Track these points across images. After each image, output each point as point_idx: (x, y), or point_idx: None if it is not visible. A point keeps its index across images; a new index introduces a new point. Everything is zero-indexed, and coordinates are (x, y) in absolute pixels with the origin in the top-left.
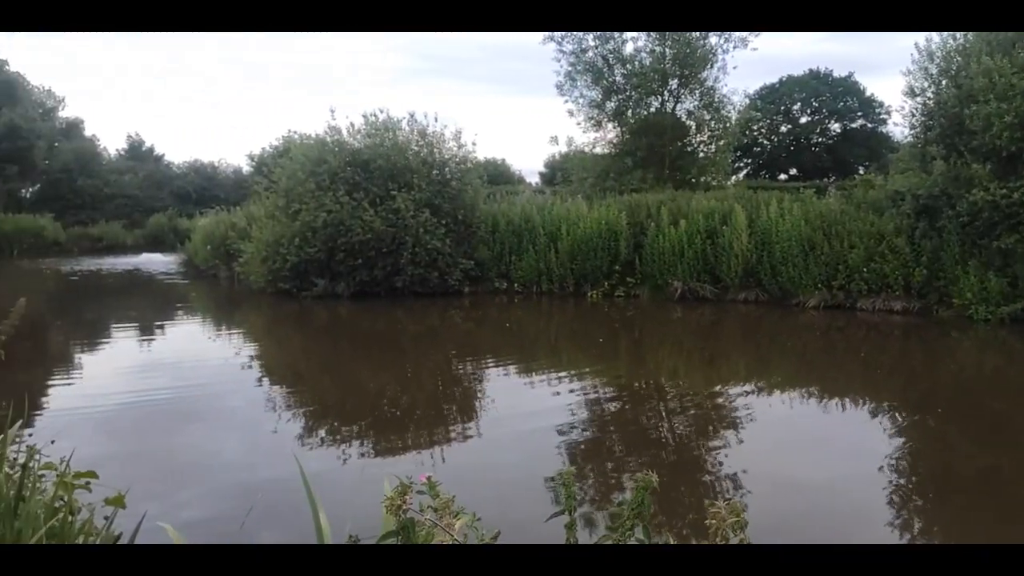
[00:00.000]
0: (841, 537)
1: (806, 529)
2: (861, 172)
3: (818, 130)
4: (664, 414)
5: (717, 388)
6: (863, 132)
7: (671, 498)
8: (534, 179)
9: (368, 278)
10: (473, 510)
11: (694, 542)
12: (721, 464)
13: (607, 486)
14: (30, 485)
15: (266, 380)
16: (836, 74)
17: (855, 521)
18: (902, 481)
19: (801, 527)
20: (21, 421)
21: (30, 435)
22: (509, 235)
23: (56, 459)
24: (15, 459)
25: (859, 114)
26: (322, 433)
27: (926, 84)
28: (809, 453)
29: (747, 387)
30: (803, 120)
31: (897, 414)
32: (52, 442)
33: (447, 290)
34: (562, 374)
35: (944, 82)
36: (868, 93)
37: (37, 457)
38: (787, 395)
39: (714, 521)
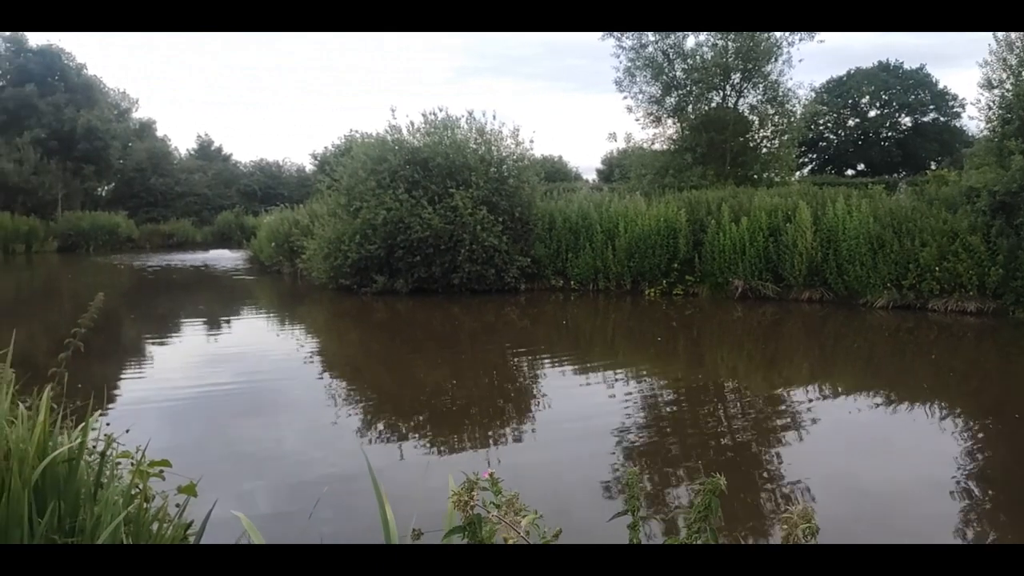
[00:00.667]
0: (890, 536)
1: (870, 536)
2: (932, 168)
3: (887, 124)
4: (723, 416)
5: (779, 390)
6: (935, 126)
7: (728, 501)
8: (591, 176)
9: (426, 275)
10: (530, 506)
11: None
12: (782, 468)
13: (663, 488)
14: (108, 473)
15: (326, 373)
16: (907, 66)
17: (923, 529)
18: (975, 489)
19: (864, 534)
20: (99, 411)
21: (107, 424)
22: (566, 232)
23: (129, 448)
24: (94, 447)
25: (931, 107)
26: (380, 427)
27: (1004, 75)
28: (875, 458)
29: (810, 389)
30: (872, 114)
31: (970, 419)
32: (127, 431)
33: (503, 287)
34: (618, 373)
35: None
36: (941, 86)
37: (114, 445)
38: (853, 398)
39: (786, 527)
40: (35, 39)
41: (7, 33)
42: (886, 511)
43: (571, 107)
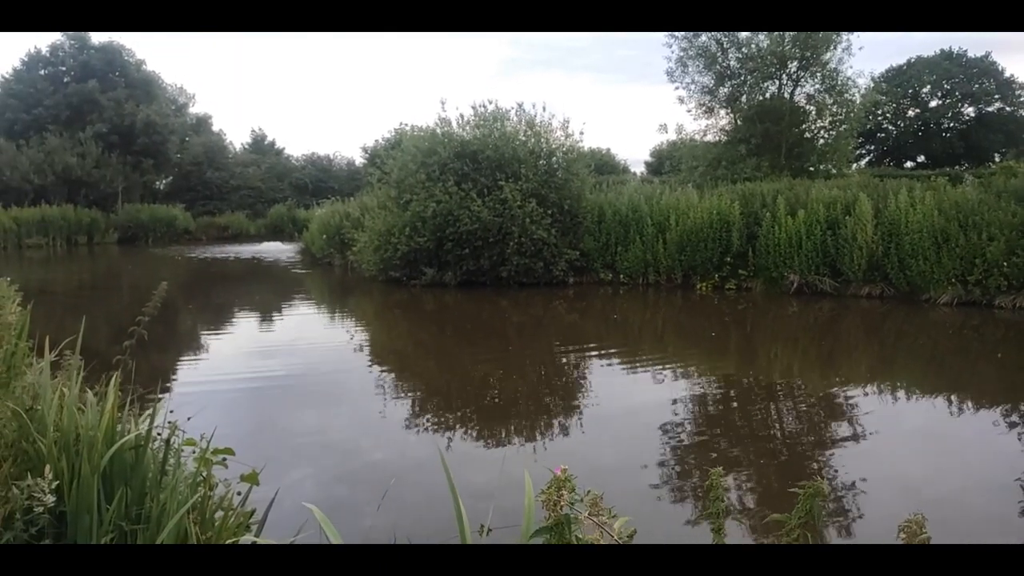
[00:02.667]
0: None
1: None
2: (997, 159)
3: (950, 114)
4: (776, 414)
5: (835, 388)
6: (1000, 116)
7: (782, 502)
8: (639, 169)
9: (475, 267)
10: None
11: None
12: (836, 470)
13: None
14: (172, 460)
15: (376, 364)
16: (971, 54)
17: (985, 534)
18: None
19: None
20: (163, 399)
21: (171, 412)
22: (615, 225)
23: (190, 435)
24: (158, 435)
25: (996, 97)
26: (428, 417)
27: None
28: (936, 461)
29: (869, 388)
30: (933, 104)
31: None
32: (188, 419)
33: (552, 280)
34: (668, 369)
35: None
36: (1007, 74)
37: (178, 433)
38: (913, 398)
39: (904, 536)
40: (97, 36)
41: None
42: (946, 514)
43: (620, 99)
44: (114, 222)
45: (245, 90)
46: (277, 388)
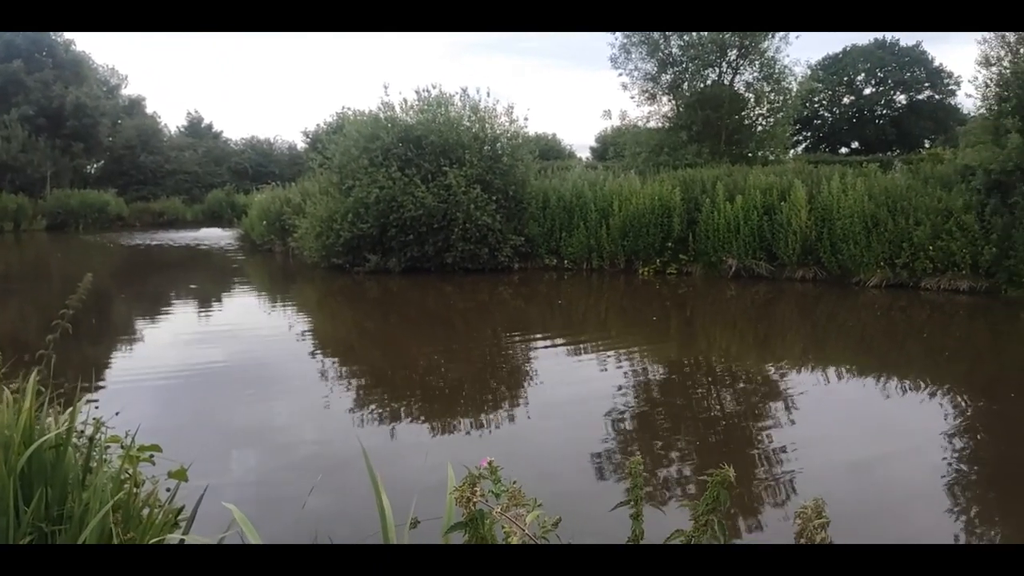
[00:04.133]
0: (893, 525)
1: (856, 513)
2: (927, 146)
3: (882, 102)
4: (715, 393)
5: (771, 368)
6: (930, 104)
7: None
8: (585, 154)
9: (419, 254)
10: (524, 491)
11: (742, 523)
12: (771, 446)
13: (654, 468)
14: (97, 458)
15: (319, 352)
16: (903, 43)
17: (909, 508)
18: (963, 467)
19: (854, 511)
20: (87, 394)
21: (96, 407)
22: (560, 211)
23: (118, 431)
24: (82, 432)
25: (926, 85)
26: (372, 406)
27: (1002, 53)
28: (865, 437)
29: (803, 368)
30: (867, 91)
31: (961, 398)
32: (116, 414)
33: (497, 266)
34: (611, 352)
35: (1023, 50)
36: (937, 63)
37: (103, 430)
38: (844, 377)
39: (799, 520)
40: None
41: None
42: (875, 488)
43: (565, 84)
44: (42, 208)
45: (180, 71)
46: (214, 379)
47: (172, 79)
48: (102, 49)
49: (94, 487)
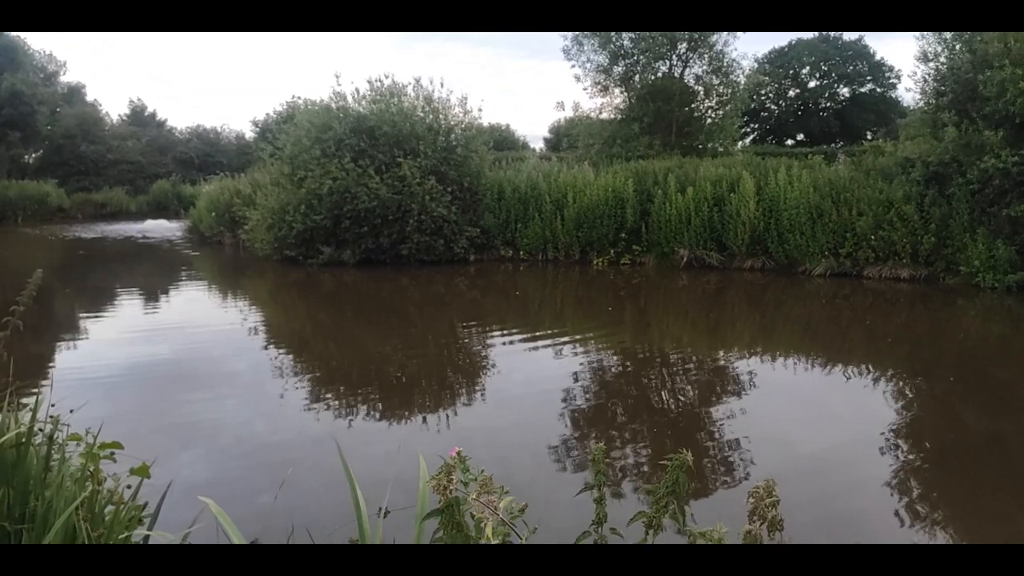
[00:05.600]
0: (839, 504)
1: (804, 493)
2: (869, 137)
3: (827, 95)
4: (668, 381)
5: (721, 355)
6: (872, 97)
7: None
8: (538, 145)
9: (374, 246)
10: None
11: (692, 510)
12: (723, 430)
13: (609, 452)
14: (57, 456)
15: (272, 346)
16: (846, 37)
17: (854, 488)
18: (904, 448)
19: (799, 491)
20: (38, 392)
21: (53, 405)
22: (515, 202)
23: (74, 429)
24: (39, 430)
25: (868, 78)
26: (328, 399)
27: (939, 48)
28: (811, 420)
29: (751, 354)
30: (812, 84)
31: (901, 382)
32: (72, 411)
33: (453, 258)
34: (567, 341)
35: (958, 47)
36: (878, 57)
37: (61, 427)
38: (791, 362)
39: (752, 499)
40: None
41: None
42: (819, 467)
43: (518, 75)
44: None
45: (121, 58)
46: (166, 374)
47: (113, 66)
48: (39, 35)
49: (57, 486)
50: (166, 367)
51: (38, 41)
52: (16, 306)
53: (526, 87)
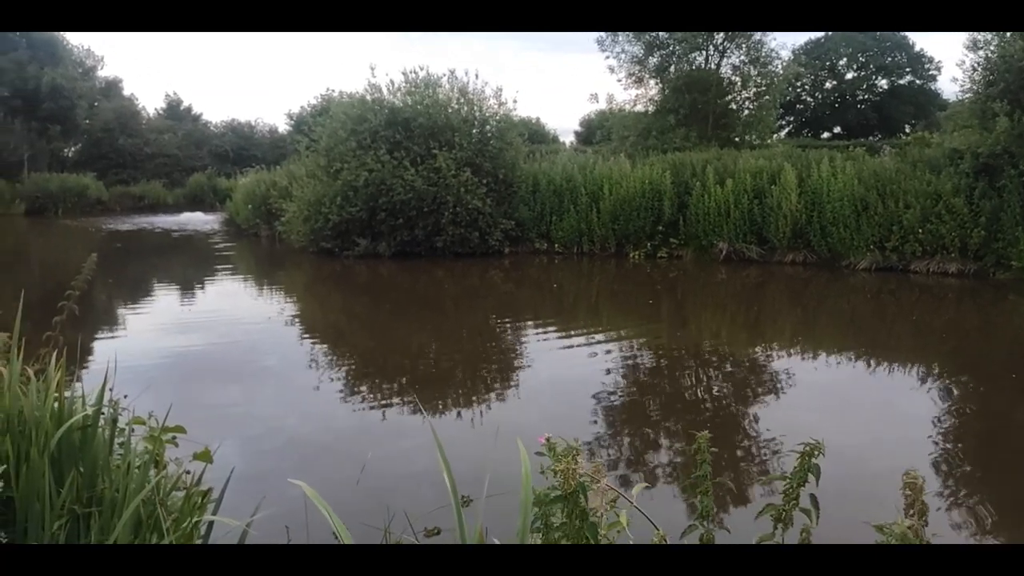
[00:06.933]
0: (882, 508)
1: (845, 494)
2: (907, 130)
3: (864, 86)
4: (705, 378)
5: (761, 352)
6: (911, 89)
7: (714, 457)
8: (569, 138)
9: (409, 238)
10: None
11: (731, 511)
12: (760, 428)
13: (643, 448)
14: (124, 440)
15: (308, 338)
16: None
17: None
18: (948, 447)
19: (841, 492)
20: (100, 377)
21: (110, 390)
22: (550, 195)
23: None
24: (103, 414)
25: (907, 70)
26: (364, 391)
27: (990, 36)
28: (855, 419)
29: (793, 351)
30: (849, 76)
31: (947, 379)
32: (125, 396)
33: (487, 250)
34: (602, 336)
35: (1010, 34)
36: (918, 48)
37: (123, 412)
38: (834, 359)
39: (910, 493)
40: None
41: None
42: (859, 469)
43: (548, 67)
44: (20, 192)
45: (157, 53)
46: (208, 363)
47: (149, 60)
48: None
49: (126, 469)
50: (208, 356)
51: (76, 36)
52: (72, 291)
53: (553, 81)
